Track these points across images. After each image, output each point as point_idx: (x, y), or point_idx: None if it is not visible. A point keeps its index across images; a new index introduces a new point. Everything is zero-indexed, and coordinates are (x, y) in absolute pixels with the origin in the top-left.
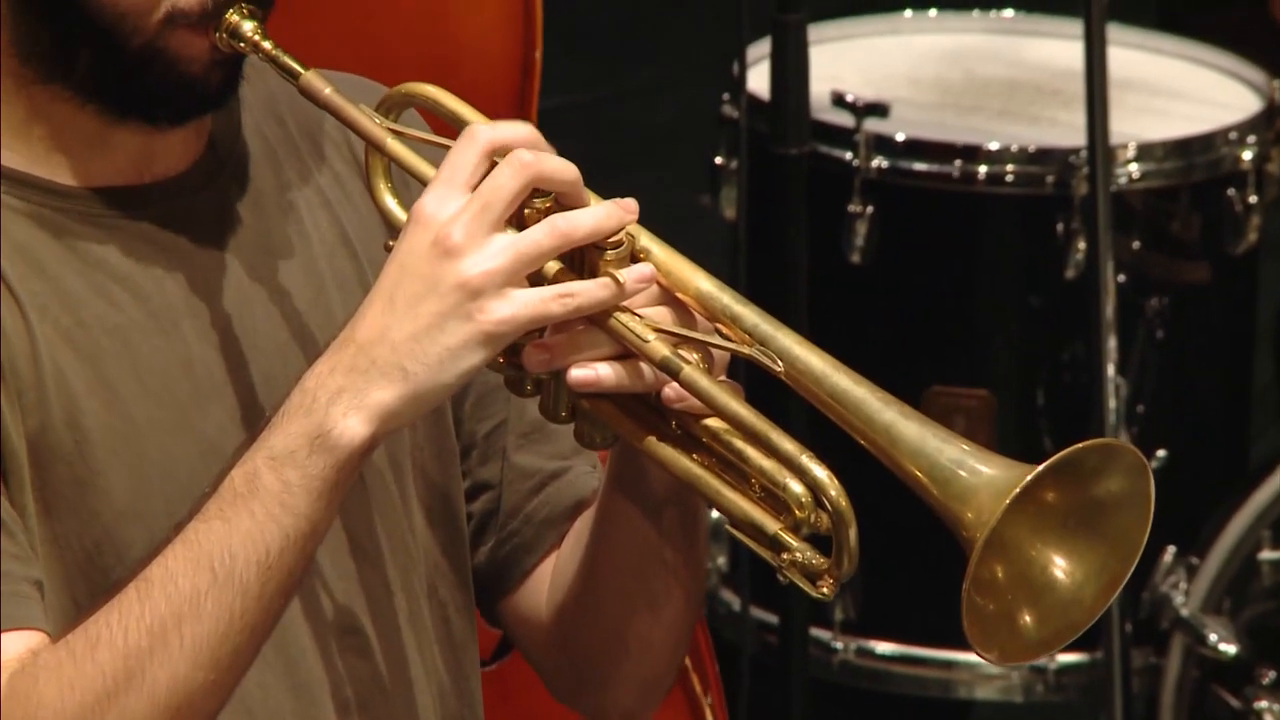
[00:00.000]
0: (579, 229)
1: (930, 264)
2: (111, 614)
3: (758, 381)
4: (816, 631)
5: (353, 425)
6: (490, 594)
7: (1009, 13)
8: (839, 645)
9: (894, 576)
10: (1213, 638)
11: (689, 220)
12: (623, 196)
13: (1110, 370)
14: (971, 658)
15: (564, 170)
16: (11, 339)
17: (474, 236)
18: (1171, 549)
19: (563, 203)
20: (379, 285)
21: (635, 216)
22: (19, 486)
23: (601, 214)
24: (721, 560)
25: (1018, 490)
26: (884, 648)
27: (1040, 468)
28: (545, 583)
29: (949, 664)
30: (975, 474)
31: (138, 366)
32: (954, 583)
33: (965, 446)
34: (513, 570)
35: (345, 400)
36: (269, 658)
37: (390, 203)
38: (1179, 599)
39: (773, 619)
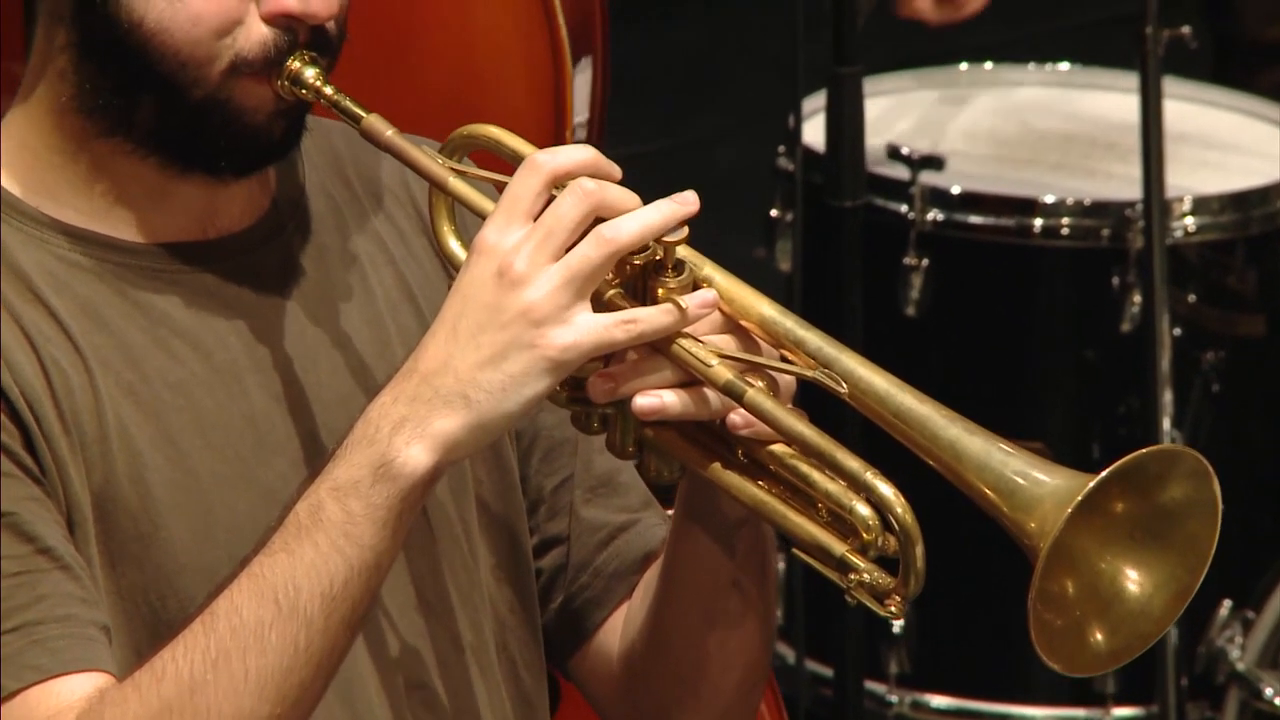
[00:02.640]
0: (625, 234)
1: (985, 317)
2: (176, 647)
3: (814, 412)
4: (871, 685)
5: (416, 454)
6: (562, 649)
7: (1065, 66)
8: (894, 699)
9: (948, 630)
10: (1269, 692)
11: (744, 272)
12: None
13: (1165, 423)
14: (1026, 710)
15: (626, 199)
16: (76, 393)
17: (536, 265)
18: (1227, 603)
19: None
20: (442, 316)
21: (692, 210)
22: (83, 539)
23: (649, 214)
24: (777, 613)
25: (1080, 497)
26: (939, 701)
27: (1103, 474)
28: (616, 635)
29: (1004, 718)
30: (1039, 484)
31: (200, 420)
32: (1009, 636)
33: (1029, 459)
34: (583, 624)
35: (408, 429)
36: (336, 711)
37: (454, 245)
38: (1235, 653)
39: (828, 672)
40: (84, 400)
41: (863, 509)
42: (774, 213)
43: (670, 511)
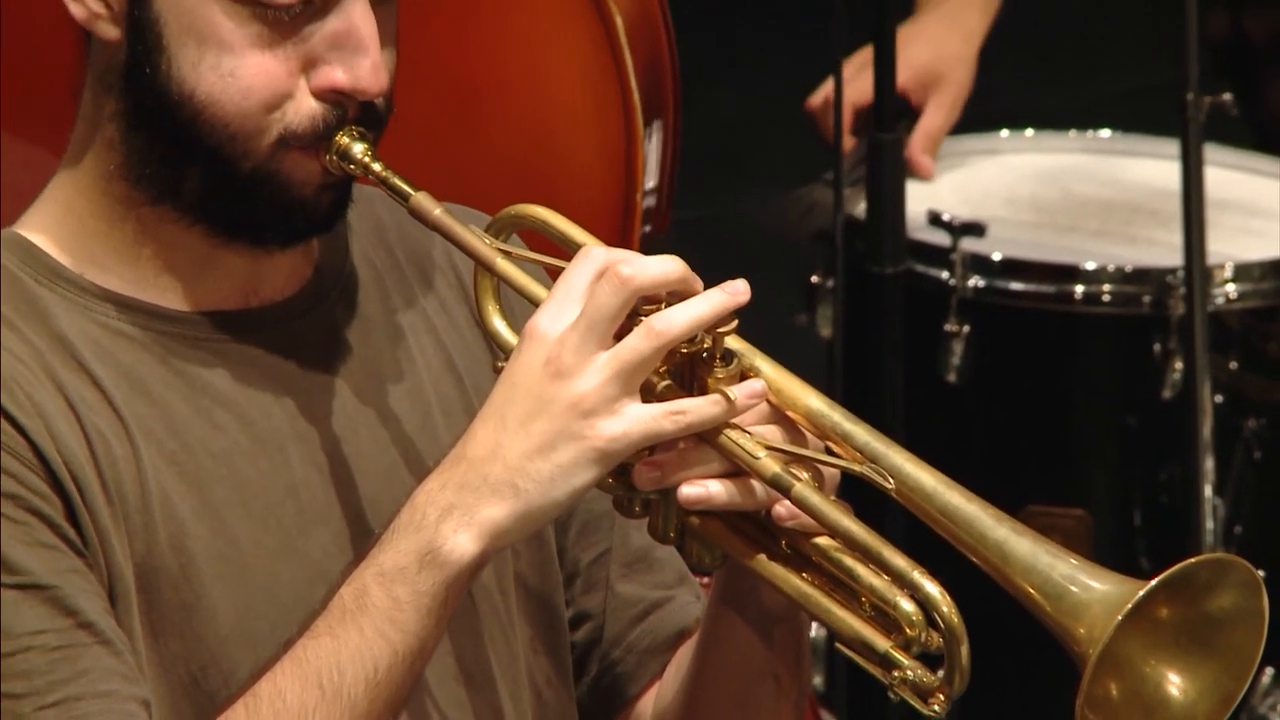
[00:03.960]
0: (676, 326)
1: (1027, 383)
2: None
3: (859, 505)
4: None
5: (463, 542)
6: None
7: (1105, 132)
8: None
9: (990, 706)
10: None
11: (786, 339)
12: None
13: (1207, 491)
14: None
15: (665, 273)
16: (119, 462)
17: (585, 356)
18: (1270, 671)
19: (675, 302)
20: (491, 402)
21: (742, 300)
22: (126, 609)
23: (699, 305)
24: (818, 680)
25: (1130, 606)
26: None
27: (1153, 583)
28: (648, 711)
29: None
30: (1087, 590)
31: (242, 491)
32: (1050, 713)
33: (1075, 562)
34: (615, 700)
35: (456, 517)
36: None
37: (499, 324)
38: None
39: None
40: (127, 469)
41: (907, 605)
42: (815, 279)
43: (704, 580)
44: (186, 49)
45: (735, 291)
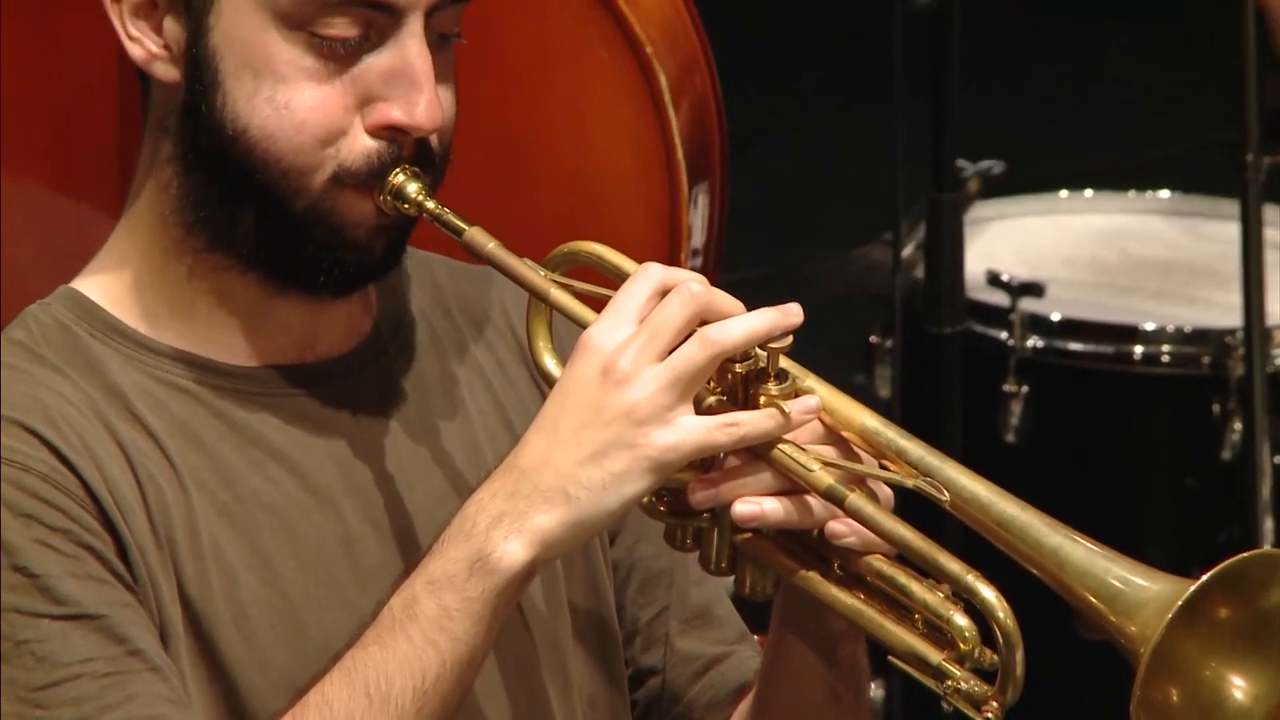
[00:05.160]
0: (730, 337)
1: (1085, 444)
2: None
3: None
4: None
5: (513, 549)
6: None
7: (1164, 193)
8: None
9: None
10: None
11: None
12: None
13: None
14: None
15: (732, 305)
16: (170, 510)
17: (640, 365)
18: None
19: None
20: (544, 413)
21: (796, 321)
22: (175, 653)
23: (754, 320)
24: (877, 694)
25: (1181, 602)
26: None
27: (1204, 578)
28: None
29: None
30: (1142, 590)
31: (294, 543)
32: None
33: (1130, 565)
34: None
35: (506, 524)
36: None
37: (549, 362)
38: None
39: None
40: (179, 517)
41: (961, 620)
42: (873, 339)
43: (761, 638)
44: (242, 82)
45: (789, 312)
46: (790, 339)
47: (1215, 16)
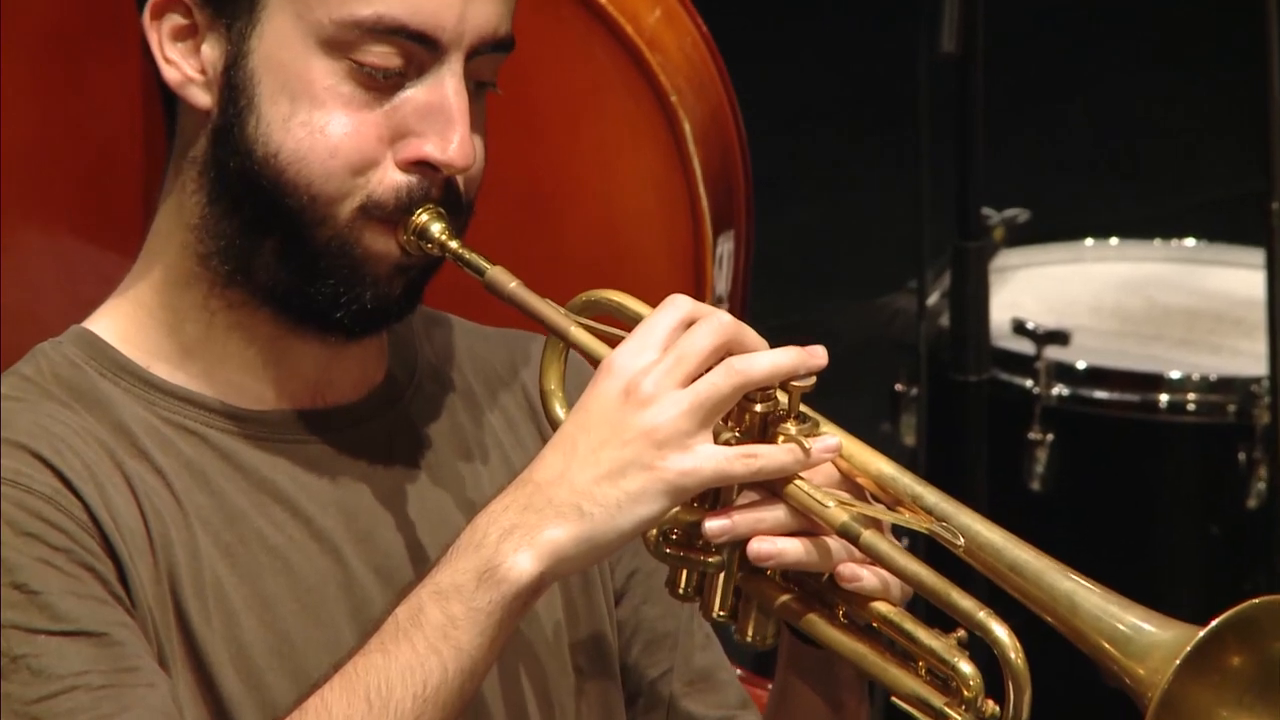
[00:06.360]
0: (756, 368)
1: (1111, 492)
2: None
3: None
4: None
5: (522, 561)
6: None
7: (1190, 241)
8: None
9: None
10: None
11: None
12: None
13: None
14: None
15: (758, 341)
16: (174, 546)
17: (664, 388)
18: None
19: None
20: (562, 431)
21: (821, 363)
22: (173, 687)
23: (779, 354)
24: None
25: (1190, 646)
26: None
27: (1214, 623)
28: None
29: None
30: (1153, 636)
31: (296, 586)
32: None
33: (1142, 612)
34: None
35: (517, 536)
36: None
37: (559, 410)
38: None
39: None
40: (183, 555)
41: (966, 666)
42: (899, 387)
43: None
44: (278, 105)
45: (814, 353)
46: (813, 379)
47: (1241, 65)
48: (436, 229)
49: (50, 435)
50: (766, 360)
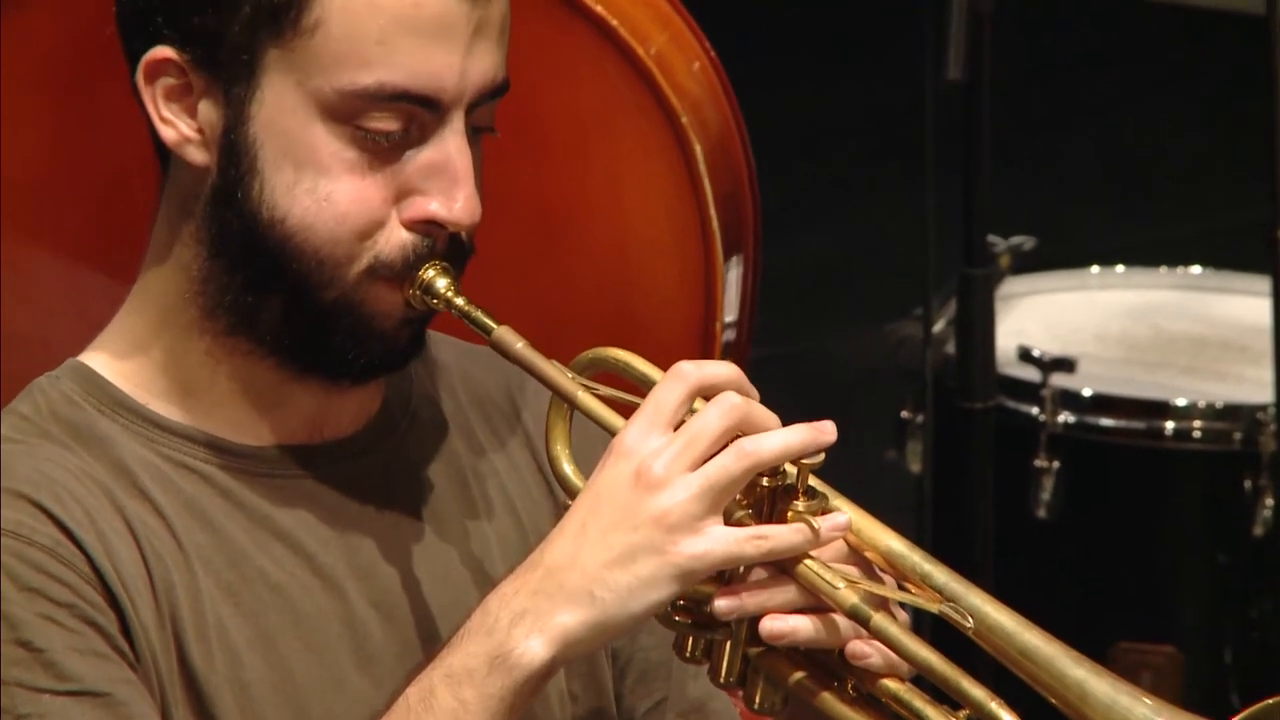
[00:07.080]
0: (766, 450)
1: (1117, 519)
2: None
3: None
4: None
5: (534, 647)
6: None
7: (1196, 269)
8: None
9: None
10: None
11: (875, 475)
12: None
13: None
14: None
15: (769, 419)
16: (176, 589)
17: (674, 472)
18: None
19: None
20: (573, 512)
21: (830, 439)
22: None
23: (790, 434)
24: None
25: None
26: None
27: None
28: None
29: None
30: None
31: (298, 624)
32: None
33: (1152, 703)
34: None
35: (528, 622)
36: None
37: (567, 469)
38: None
39: None
40: (184, 596)
41: None
42: (905, 414)
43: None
44: (282, 172)
45: (823, 430)
46: (822, 456)
47: (1246, 93)
48: (442, 285)
49: (51, 482)
50: (777, 441)
